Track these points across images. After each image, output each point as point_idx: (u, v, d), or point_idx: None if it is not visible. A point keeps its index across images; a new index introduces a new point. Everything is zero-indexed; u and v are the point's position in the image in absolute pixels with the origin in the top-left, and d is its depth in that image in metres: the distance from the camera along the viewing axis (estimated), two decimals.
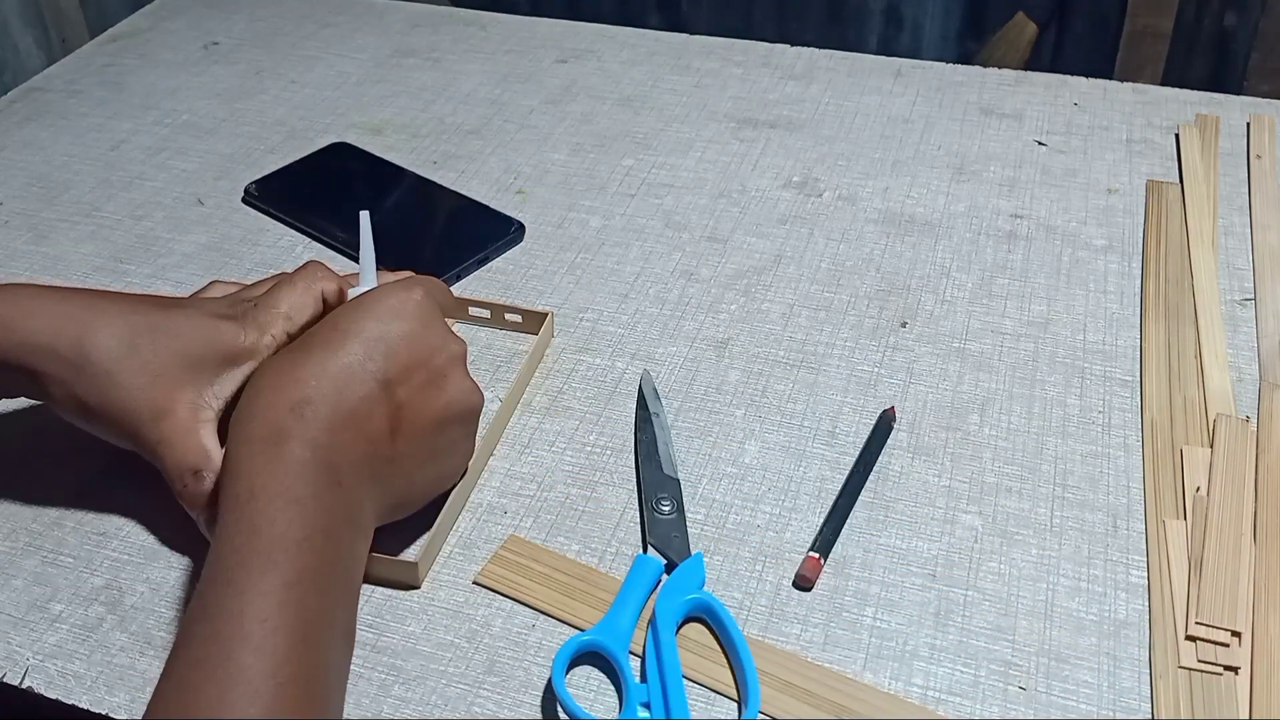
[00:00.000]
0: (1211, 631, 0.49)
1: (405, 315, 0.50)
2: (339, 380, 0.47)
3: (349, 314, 0.49)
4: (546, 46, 0.95)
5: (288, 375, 0.47)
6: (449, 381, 0.50)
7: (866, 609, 0.50)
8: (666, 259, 0.71)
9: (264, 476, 0.44)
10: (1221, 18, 1.40)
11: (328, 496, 0.44)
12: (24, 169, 0.81)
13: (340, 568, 0.44)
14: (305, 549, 0.42)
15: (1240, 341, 0.64)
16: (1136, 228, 0.73)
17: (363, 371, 0.47)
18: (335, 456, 0.46)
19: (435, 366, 0.50)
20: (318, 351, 0.48)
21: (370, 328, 0.49)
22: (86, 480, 0.57)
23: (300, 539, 0.42)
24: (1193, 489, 0.55)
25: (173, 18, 1.01)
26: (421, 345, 0.49)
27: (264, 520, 0.42)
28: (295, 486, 0.44)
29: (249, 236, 0.74)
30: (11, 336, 0.51)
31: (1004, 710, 0.47)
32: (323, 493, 0.44)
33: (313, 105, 0.88)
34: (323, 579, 0.43)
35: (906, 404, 0.60)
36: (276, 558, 0.42)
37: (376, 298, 0.50)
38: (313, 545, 0.43)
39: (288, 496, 0.43)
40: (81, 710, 0.47)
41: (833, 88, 0.88)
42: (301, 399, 0.46)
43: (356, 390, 0.47)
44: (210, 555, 0.43)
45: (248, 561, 0.41)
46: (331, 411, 0.46)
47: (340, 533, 0.45)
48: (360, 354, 0.48)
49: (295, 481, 0.44)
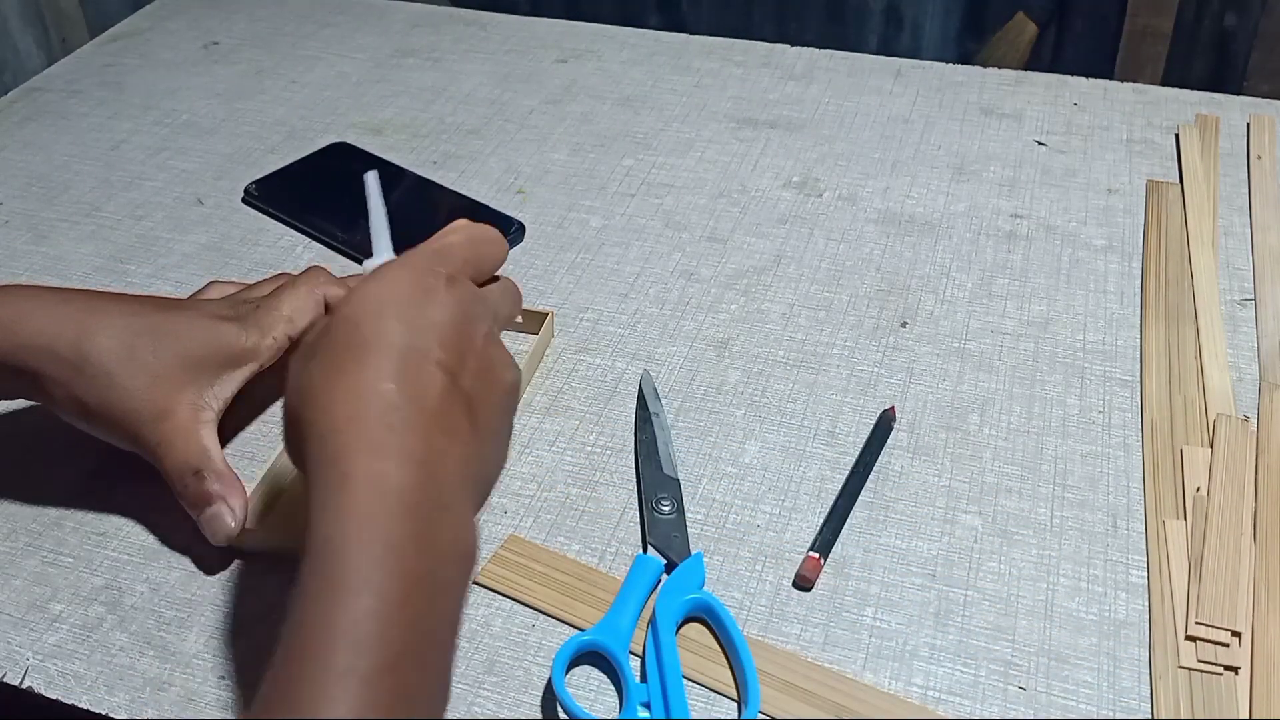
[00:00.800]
0: (1211, 631, 0.49)
1: (441, 298, 0.44)
2: (410, 376, 0.41)
3: (384, 294, 0.43)
4: (546, 46, 0.95)
5: (354, 376, 0.40)
6: (495, 361, 0.45)
7: (866, 609, 0.50)
8: (666, 259, 0.71)
9: (355, 515, 0.37)
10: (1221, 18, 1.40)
11: (433, 531, 0.38)
12: (24, 169, 0.81)
13: (442, 625, 0.38)
14: (403, 619, 0.36)
15: (1240, 341, 0.64)
16: (1136, 228, 0.73)
17: (429, 364, 0.41)
18: (437, 470, 0.39)
19: (479, 349, 0.44)
20: (375, 345, 0.41)
21: (411, 313, 0.43)
22: (86, 480, 0.57)
23: (398, 604, 0.36)
24: (1193, 489, 0.55)
25: (173, 18, 1.01)
26: (465, 324, 0.44)
27: (357, 580, 0.36)
28: (394, 527, 0.37)
29: (249, 236, 0.74)
30: (11, 338, 0.51)
31: (1004, 710, 0.47)
32: (427, 527, 0.38)
33: (313, 105, 0.88)
34: (422, 650, 0.37)
35: (906, 404, 0.60)
36: (369, 636, 0.35)
37: (393, 279, 0.44)
38: (411, 611, 0.36)
39: (384, 542, 0.37)
40: (81, 710, 0.47)
41: (833, 88, 0.88)
42: (387, 405, 0.40)
43: (431, 387, 0.41)
44: (293, 606, 0.37)
45: (338, 637, 0.35)
46: (421, 416, 0.40)
47: (444, 576, 0.38)
48: (418, 343, 0.42)
49: (394, 519, 0.37)
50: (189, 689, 0.47)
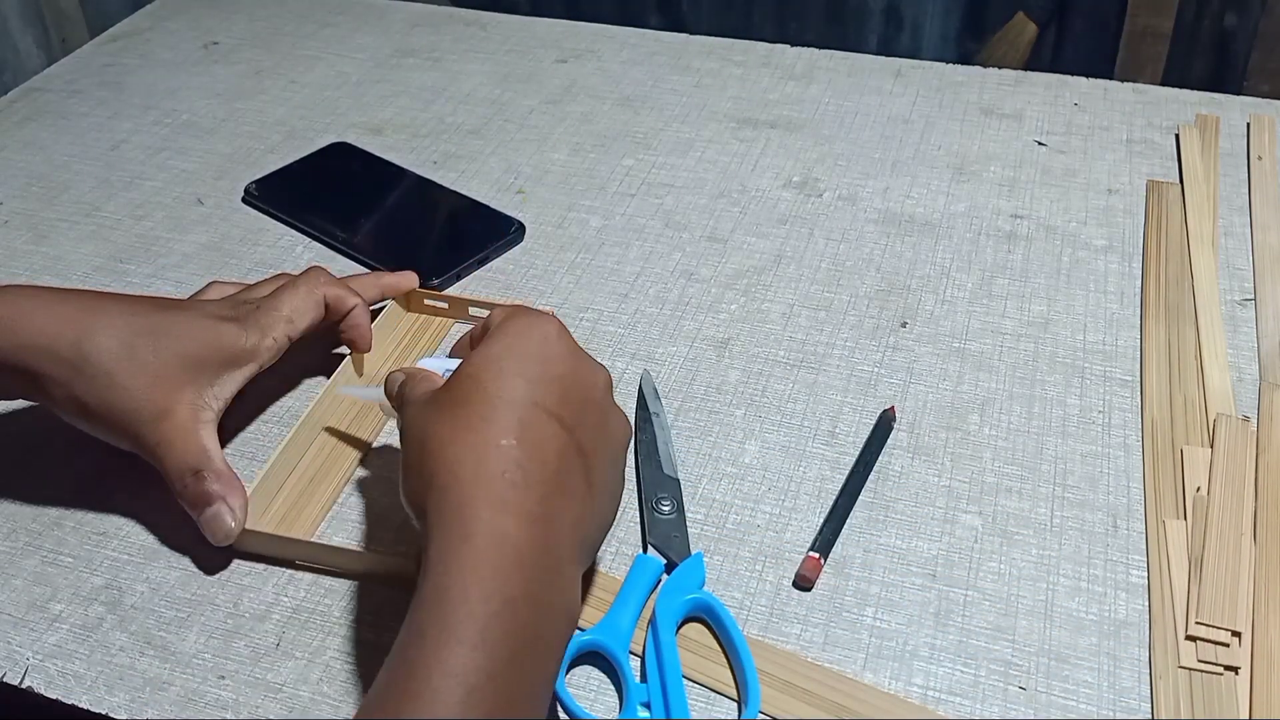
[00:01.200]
0: (1211, 631, 0.49)
1: (560, 350, 0.44)
2: (535, 435, 0.41)
3: (505, 352, 0.43)
4: (546, 46, 0.95)
5: (481, 433, 0.41)
6: (610, 415, 0.46)
7: (866, 609, 0.50)
8: (666, 259, 0.71)
9: (478, 567, 0.38)
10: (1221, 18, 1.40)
11: (541, 592, 0.39)
12: (24, 169, 0.81)
13: (542, 683, 0.39)
14: (511, 674, 0.37)
15: (1240, 341, 0.64)
16: (1136, 228, 0.73)
17: (551, 422, 0.42)
18: (552, 531, 0.40)
19: (597, 401, 0.45)
20: (500, 402, 0.42)
21: (533, 369, 0.43)
22: (86, 480, 0.57)
23: (507, 660, 0.37)
24: (1193, 489, 0.55)
25: (173, 18, 1.01)
26: (584, 382, 0.44)
27: (473, 631, 0.37)
28: (512, 580, 0.38)
29: (249, 236, 0.74)
30: (11, 338, 0.51)
31: (1004, 710, 0.47)
32: (535, 590, 0.39)
33: (313, 105, 0.88)
34: (519, 706, 0.37)
35: (906, 404, 0.60)
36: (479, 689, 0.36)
37: (521, 332, 0.44)
38: (518, 668, 0.37)
39: (502, 597, 0.38)
40: (81, 710, 0.47)
41: (833, 88, 0.88)
42: (509, 463, 0.40)
43: (554, 445, 0.42)
44: (404, 645, 0.38)
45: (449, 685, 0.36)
46: (541, 475, 0.41)
47: (550, 635, 0.39)
48: (541, 399, 0.42)
49: (513, 572, 0.38)
50: (189, 689, 0.47)
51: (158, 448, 0.51)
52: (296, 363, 0.60)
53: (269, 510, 0.54)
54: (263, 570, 0.52)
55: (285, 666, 0.48)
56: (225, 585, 0.52)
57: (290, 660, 0.48)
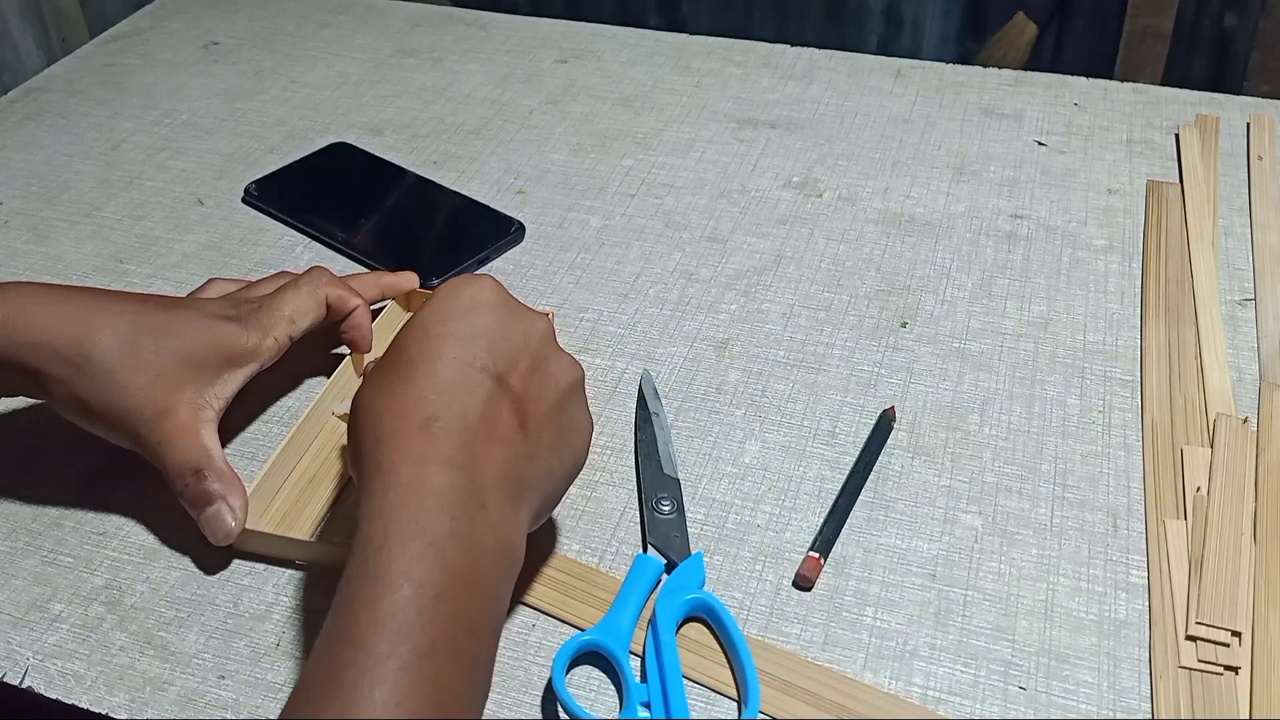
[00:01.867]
0: (1211, 631, 0.49)
1: (487, 304, 0.46)
2: (456, 387, 0.43)
3: (433, 315, 0.46)
4: (546, 46, 0.95)
5: (403, 394, 0.43)
6: (550, 361, 0.47)
7: (866, 609, 0.50)
8: (666, 259, 0.71)
9: (398, 513, 0.40)
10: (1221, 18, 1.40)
11: (471, 528, 0.41)
12: (24, 169, 0.81)
13: (482, 618, 0.40)
14: (442, 606, 0.38)
15: (1240, 341, 0.64)
16: (1136, 228, 0.73)
17: (474, 372, 0.44)
18: (475, 474, 0.42)
19: (535, 349, 0.47)
20: (421, 362, 0.44)
21: (461, 324, 0.45)
22: (86, 480, 0.57)
23: (434, 594, 0.38)
24: (1193, 489, 0.55)
25: (173, 18, 1.01)
26: (516, 331, 0.47)
27: (396, 571, 0.38)
28: (434, 523, 0.40)
29: (249, 236, 0.74)
30: (13, 336, 0.51)
31: (1004, 710, 0.47)
32: (464, 525, 0.40)
33: (313, 105, 0.88)
34: (461, 640, 0.39)
35: (906, 404, 0.60)
36: (408, 621, 0.37)
37: (450, 294, 0.47)
38: (449, 599, 0.39)
39: (424, 539, 0.39)
40: (81, 710, 0.47)
41: (833, 88, 0.88)
42: (427, 416, 0.42)
43: (476, 393, 0.44)
44: (337, 600, 0.39)
45: (378, 626, 0.37)
46: (461, 423, 0.43)
47: (484, 571, 0.41)
48: (464, 353, 0.44)
49: (433, 517, 0.40)
50: (189, 689, 0.47)
51: (158, 446, 0.51)
52: (297, 363, 0.60)
53: (269, 510, 0.54)
54: (263, 570, 0.52)
55: (285, 666, 0.48)
56: (225, 585, 0.52)
57: (290, 660, 0.48)
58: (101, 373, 0.51)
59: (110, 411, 0.51)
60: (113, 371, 0.51)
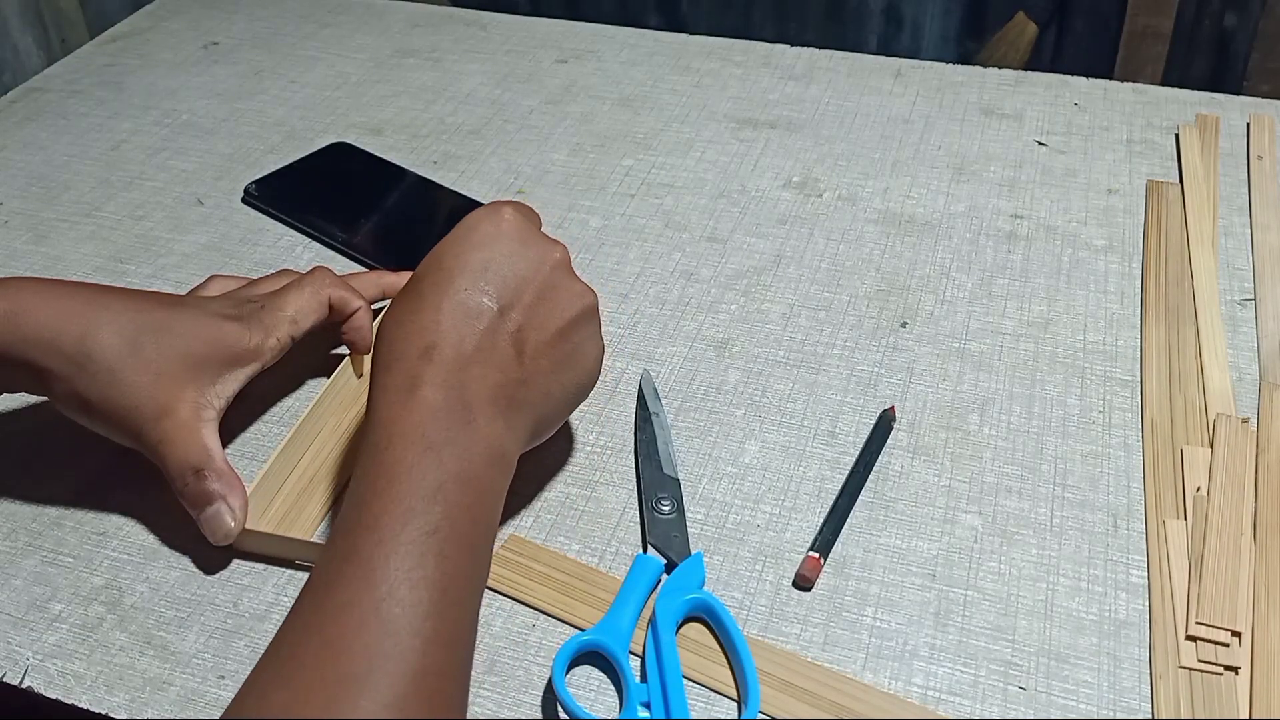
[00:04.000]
0: (1211, 631, 0.49)
1: (503, 236, 0.50)
2: (457, 317, 0.48)
3: (450, 248, 0.50)
4: (546, 46, 0.95)
5: (411, 323, 0.48)
6: (559, 290, 0.50)
7: (866, 609, 0.50)
8: (666, 259, 0.71)
9: (400, 424, 0.45)
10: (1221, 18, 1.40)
11: (463, 438, 0.45)
12: (24, 169, 0.81)
13: (479, 510, 0.45)
14: (442, 496, 0.43)
15: (1240, 341, 0.64)
16: (1136, 228, 0.73)
17: (477, 304, 0.48)
18: (467, 394, 0.46)
19: (543, 279, 0.50)
20: (430, 294, 0.48)
21: (473, 258, 0.49)
22: (86, 480, 0.57)
23: (435, 486, 0.43)
24: (1193, 489, 0.55)
25: (173, 18, 1.01)
26: (526, 262, 0.50)
27: (401, 468, 0.44)
28: (430, 432, 0.45)
29: (249, 236, 0.74)
30: (14, 332, 0.51)
31: (1004, 710, 0.47)
32: (457, 435, 0.45)
33: (313, 105, 0.88)
34: (461, 524, 0.43)
35: (906, 404, 0.60)
36: (415, 505, 0.43)
37: (470, 226, 0.50)
38: (449, 492, 0.44)
39: (423, 443, 0.44)
40: (81, 710, 0.47)
41: (833, 88, 0.88)
42: (428, 344, 0.47)
43: (475, 324, 0.48)
44: (349, 499, 0.44)
45: (389, 509, 0.42)
46: (456, 351, 0.47)
47: (477, 473, 0.45)
48: (471, 286, 0.48)
49: (429, 427, 0.45)
50: (189, 689, 0.47)
51: (159, 445, 0.51)
52: (297, 363, 0.60)
53: (269, 510, 0.54)
54: (263, 570, 0.52)
55: None
56: (225, 585, 0.52)
57: None
58: (103, 370, 0.51)
59: (111, 409, 0.51)
60: (114, 369, 0.51)
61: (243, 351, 0.54)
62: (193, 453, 0.51)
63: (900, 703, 0.47)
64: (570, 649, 0.47)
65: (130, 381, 0.51)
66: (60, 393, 0.52)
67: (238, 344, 0.54)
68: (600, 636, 0.48)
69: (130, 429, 0.51)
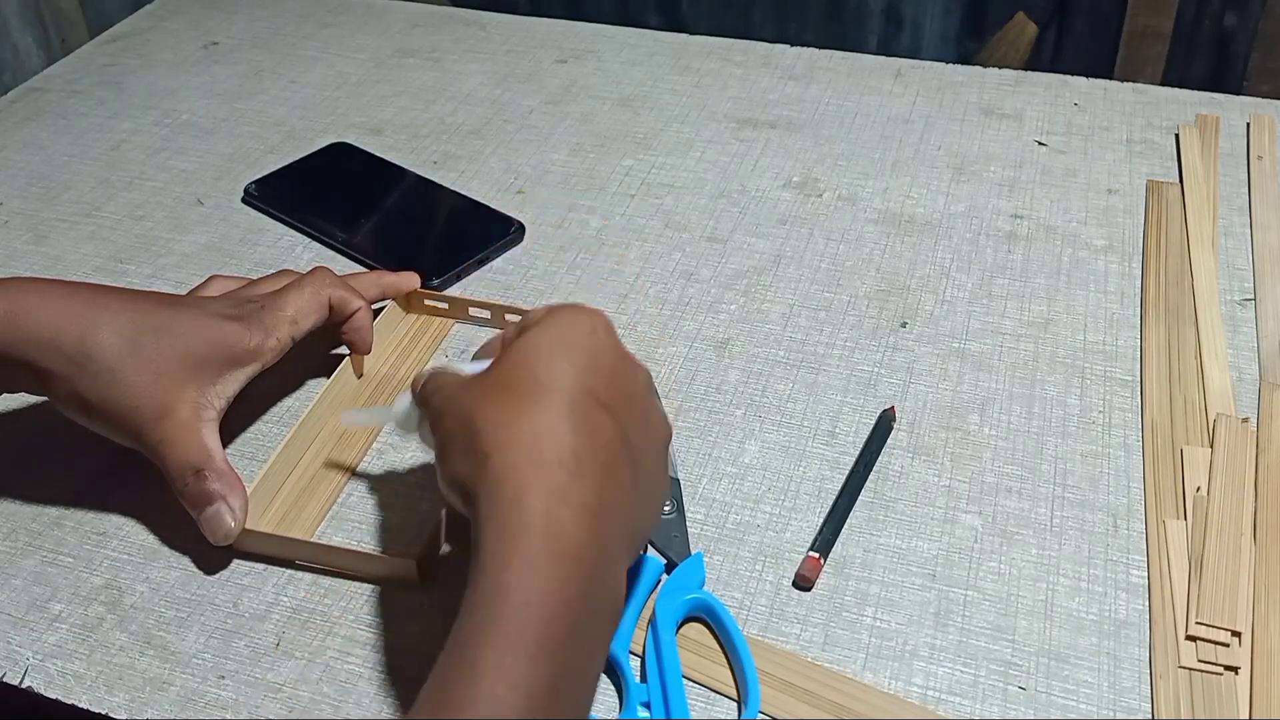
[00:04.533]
0: (1211, 631, 0.49)
1: (606, 339, 0.44)
2: (587, 425, 0.40)
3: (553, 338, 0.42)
4: (546, 46, 0.95)
5: (532, 419, 0.40)
6: (653, 411, 0.45)
7: (866, 609, 0.50)
8: (666, 259, 0.71)
9: (537, 567, 0.37)
10: (1221, 18, 1.40)
11: (598, 589, 0.38)
12: (24, 169, 0.81)
13: (591, 682, 0.39)
14: (569, 683, 0.37)
15: (1240, 341, 0.64)
16: (1136, 228, 0.73)
17: (599, 411, 0.41)
18: (605, 524, 0.39)
19: (641, 395, 0.45)
20: (553, 390, 0.41)
21: (581, 357, 0.42)
22: (86, 480, 0.57)
23: (566, 666, 0.37)
24: (1193, 489, 0.55)
25: (173, 18, 1.01)
26: (628, 375, 0.44)
27: (531, 637, 0.36)
28: (569, 583, 0.37)
29: (249, 236, 0.74)
30: (14, 332, 0.51)
31: (1004, 710, 0.47)
32: (594, 588, 0.38)
33: (313, 105, 0.88)
34: (578, 702, 0.38)
35: (906, 404, 0.60)
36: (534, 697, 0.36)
37: (569, 320, 0.43)
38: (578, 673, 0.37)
39: (560, 597, 0.37)
40: (81, 710, 0.47)
41: (833, 88, 0.88)
42: (567, 451, 0.39)
43: (602, 435, 0.41)
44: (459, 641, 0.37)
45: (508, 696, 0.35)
46: (594, 464, 0.40)
47: (602, 636, 0.39)
48: (591, 386, 0.41)
49: (570, 572, 0.37)
50: (189, 689, 0.47)
51: (159, 445, 0.51)
52: (297, 363, 0.60)
53: (269, 510, 0.54)
54: (263, 570, 0.52)
55: (285, 666, 0.48)
56: (225, 585, 0.52)
57: (290, 660, 0.48)
58: (103, 370, 0.51)
59: (111, 409, 0.51)
60: (115, 369, 0.51)
61: (243, 352, 0.54)
62: (193, 453, 0.51)
63: (900, 703, 0.47)
64: None
65: (130, 381, 0.51)
66: (60, 393, 0.52)
67: (238, 344, 0.54)
68: None
69: (130, 429, 0.51)
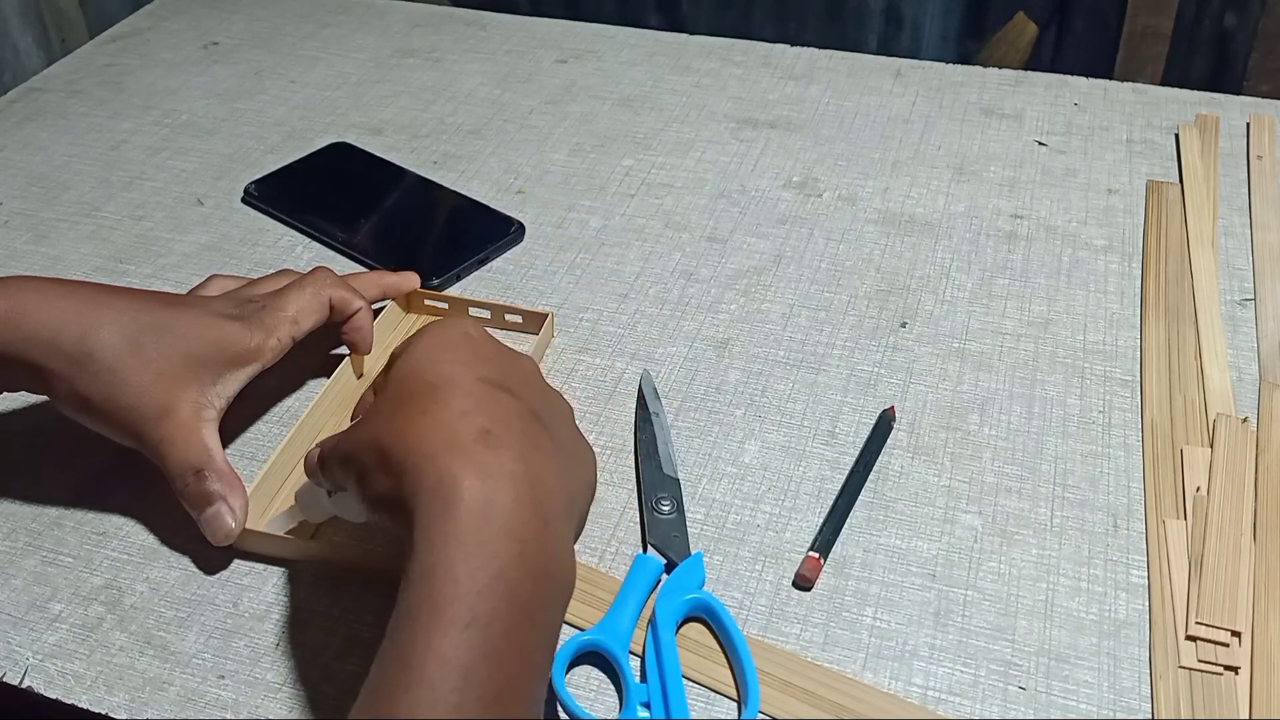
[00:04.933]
0: (1211, 631, 0.49)
1: (480, 337, 0.46)
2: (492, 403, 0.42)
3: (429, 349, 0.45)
4: (546, 46, 0.95)
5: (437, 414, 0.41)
6: (550, 391, 0.48)
7: (866, 609, 0.50)
8: (666, 259, 0.71)
9: (464, 543, 0.37)
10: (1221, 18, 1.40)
11: (535, 552, 0.38)
12: (24, 169, 0.81)
13: (544, 655, 0.39)
14: (508, 652, 0.36)
15: (1240, 341, 0.64)
16: (1136, 228, 0.73)
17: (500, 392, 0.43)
18: (537, 487, 0.39)
19: (536, 378, 0.47)
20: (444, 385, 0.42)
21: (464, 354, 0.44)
22: (86, 480, 0.57)
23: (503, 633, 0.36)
24: (1193, 489, 0.55)
25: (173, 18, 1.01)
26: (513, 361, 0.47)
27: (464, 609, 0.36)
28: (501, 552, 0.37)
29: (249, 236, 0.74)
30: (15, 331, 0.51)
31: (1004, 710, 0.47)
32: (529, 550, 0.38)
33: (313, 105, 0.88)
34: (524, 680, 0.37)
35: (906, 404, 0.60)
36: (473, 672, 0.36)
37: (438, 331, 0.46)
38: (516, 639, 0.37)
39: (491, 569, 0.37)
40: (81, 710, 0.47)
41: (833, 88, 0.88)
42: (480, 429, 0.40)
43: (511, 408, 0.42)
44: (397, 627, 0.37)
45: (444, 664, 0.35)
46: (511, 434, 0.40)
47: (548, 602, 0.39)
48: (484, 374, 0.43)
49: (501, 543, 0.38)
50: (189, 689, 0.47)
51: (160, 445, 0.51)
52: (297, 363, 0.60)
53: (269, 510, 0.54)
54: (263, 570, 0.52)
55: (285, 666, 0.48)
56: (225, 585, 0.52)
57: (290, 660, 0.48)
58: (104, 370, 0.51)
59: (112, 409, 0.51)
60: (115, 369, 0.51)
61: (244, 352, 0.54)
62: (193, 453, 0.51)
63: (900, 703, 0.47)
64: (570, 649, 0.47)
65: (131, 381, 0.51)
66: (61, 392, 0.52)
67: (239, 344, 0.54)
68: (600, 636, 0.48)
69: (131, 429, 0.51)
